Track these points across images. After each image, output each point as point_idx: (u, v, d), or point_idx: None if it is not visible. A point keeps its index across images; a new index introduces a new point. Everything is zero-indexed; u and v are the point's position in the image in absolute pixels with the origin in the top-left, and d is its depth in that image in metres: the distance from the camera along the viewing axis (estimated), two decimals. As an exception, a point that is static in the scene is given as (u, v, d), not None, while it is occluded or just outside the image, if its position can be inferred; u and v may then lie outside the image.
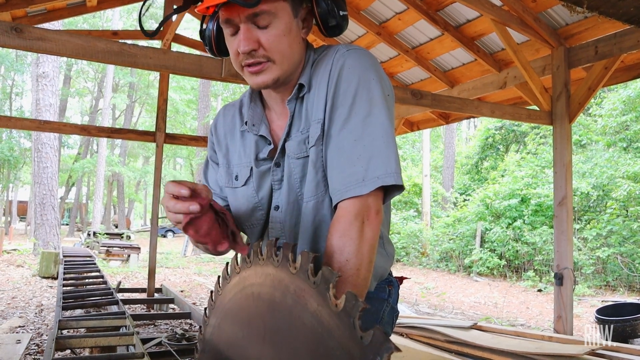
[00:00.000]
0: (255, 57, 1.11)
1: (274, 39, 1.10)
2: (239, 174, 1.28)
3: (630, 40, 4.52)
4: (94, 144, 33.13)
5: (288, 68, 1.16)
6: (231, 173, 1.30)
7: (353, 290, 0.93)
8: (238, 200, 1.29)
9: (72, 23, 24.06)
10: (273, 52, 1.11)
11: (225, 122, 1.35)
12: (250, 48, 1.09)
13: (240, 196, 1.27)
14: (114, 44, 3.46)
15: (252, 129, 1.25)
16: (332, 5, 1.15)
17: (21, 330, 5.56)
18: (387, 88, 1.15)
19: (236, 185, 1.28)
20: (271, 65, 1.13)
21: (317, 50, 1.23)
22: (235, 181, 1.29)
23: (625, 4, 1.08)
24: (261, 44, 1.10)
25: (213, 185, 1.36)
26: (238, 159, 1.29)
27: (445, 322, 5.00)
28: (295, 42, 1.15)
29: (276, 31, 1.10)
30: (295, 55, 1.16)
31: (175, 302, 6.68)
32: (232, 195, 1.30)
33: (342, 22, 1.17)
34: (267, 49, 1.11)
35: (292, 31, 1.13)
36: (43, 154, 13.88)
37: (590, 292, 10.19)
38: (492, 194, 14.25)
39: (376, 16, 6.11)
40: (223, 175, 1.33)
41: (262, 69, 1.13)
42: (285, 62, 1.14)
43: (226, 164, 1.32)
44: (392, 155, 1.06)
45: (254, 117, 1.26)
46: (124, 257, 13.80)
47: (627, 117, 13.44)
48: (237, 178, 1.28)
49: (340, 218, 1.02)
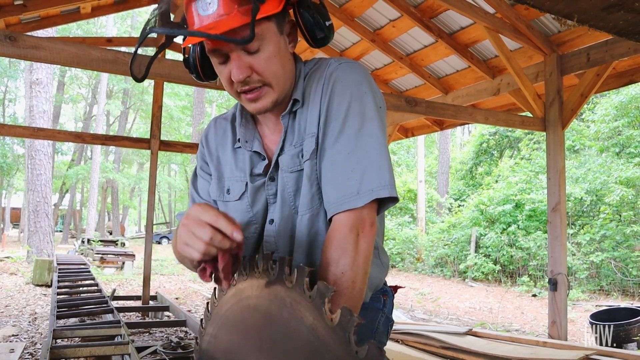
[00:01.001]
0: (250, 83, 1.11)
1: (266, 63, 1.09)
2: (232, 188, 1.27)
3: (621, 47, 4.56)
4: (88, 151, 33.03)
5: (284, 88, 1.16)
6: (223, 186, 1.29)
7: (348, 303, 0.95)
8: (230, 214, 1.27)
9: (66, 29, 24.03)
10: (267, 76, 1.11)
11: (216, 134, 1.34)
12: (245, 76, 1.08)
13: (232, 210, 1.26)
14: (108, 53, 3.46)
15: (246, 145, 1.24)
16: (316, 16, 1.14)
17: (15, 339, 5.52)
18: (379, 100, 1.16)
19: (228, 199, 1.27)
20: (268, 90, 1.13)
21: (308, 64, 1.24)
22: (227, 195, 1.28)
23: (615, 18, 1.10)
24: (254, 70, 1.09)
25: (205, 196, 1.34)
26: (230, 173, 1.28)
27: (440, 328, 5.01)
28: (285, 59, 1.14)
29: (267, 54, 1.09)
30: (288, 72, 1.16)
31: (171, 309, 6.66)
32: (224, 209, 1.29)
33: (328, 32, 1.16)
34: (260, 73, 1.10)
35: (281, 49, 1.12)
36: (37, 160, 13.81)
37: (585, 296, 10.23)
38: (486, 199, 14.31)
39: (370, 23, 6.14)
40: (214, 187, 1.31)
41: (260, 95, 1.12)
42: (281, 82, 1.14)
43: (218, 176, 1.31)
44: (386, 167, 1.06)
45: (246, 133, 1.25)
46: (118, 264, 13.73)
47: (620, 122, 13.55)
48: (229, 192, 1.27)
49: (335, 231, 1.03)
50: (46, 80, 14.27)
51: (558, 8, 1.10)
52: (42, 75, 14.10)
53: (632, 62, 5.18)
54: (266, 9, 1.04)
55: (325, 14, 1.16)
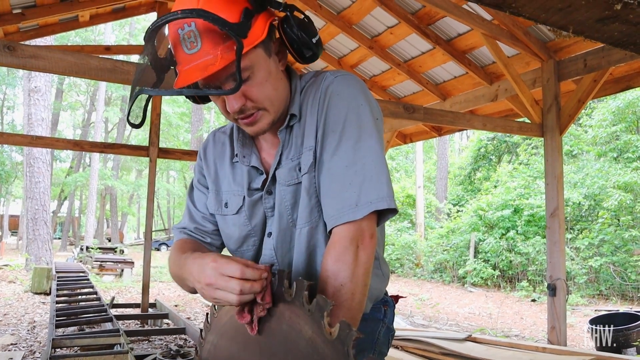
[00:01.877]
0: (245, 111, 1.11)
1: (258, 89, 1.09)
2: (229, 202, 1.27)
3: (618, 53, 4.58)
4: (86, 158, 32.99)
5: (279, 108, 1.16)
6: (221, 200, 1.29)
7: (348, 315, 0.95)
8: (229, 228, 1.28)
9: (64, 37, 24.07)
10: (262, 101, 1.11)
11: (215, 148, 1.35)
12: (239, 105, 1.09)
13: (231, 224, 1.27)
14: (107, 62, 3.47)
15: (243, 160, 1.25)
16: (301, 34, 1.12)
17: (13, 348, 5.49)
18: (375, 112, 1.16)
19: (226, 213, 1.28)
20: (263, 113, 1.13)
21: (304, 77, 1.24)
22: (225, 208, 1.28)
23: (610, 29, 1.11)
24: (248, 98, 1.10)
25: (201, 209, 1.34)
26: (228, 187, 1.29)
27: (440, 334, 5.00)
28: (277, 80, 1.15)
29: (259, 80, 1.09)
30: (282, 92, 1.17)
31: (170, 317, 6.64)
32: (223, 222, 1.30)
33: (316, 49, 1.15)
34: (255, 100, 1.10)
35: (272, 72, 1.12)
36: (35, 168, 13.79)
37: (584, 301, 10.22)
38: (485, 204, 14.32)
39: (368, 30, 6.16)
40: (212, 201, 1.31)
41: (256, 119, 1.13)
42: (276, 104, 1.15)
43: (215, 190, 1.31)
44: (384, 179, 1.07)
45: (243, 148, 1.26)
46: (117, 271, 13.69)
47: (617, 127, 13.58)
48: (227, 205, 1.28)
49: (335, 243, 1.04)
50: (44, 88, 14.28)
51: (553, 20, 1.11)
52: (41, 83, 14.11)
53: (629, 68, 5.20)
54: (251, 40, 1.03)
55: (311, 30, 1.14)
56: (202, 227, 1.33)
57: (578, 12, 1.04)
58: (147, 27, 1.03)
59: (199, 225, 1.33)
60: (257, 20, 1.05)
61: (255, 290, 0.91)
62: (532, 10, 1.03)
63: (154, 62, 1.08)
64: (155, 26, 1.00)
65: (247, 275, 0.90)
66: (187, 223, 1.35)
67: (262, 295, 0.91)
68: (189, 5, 1.03)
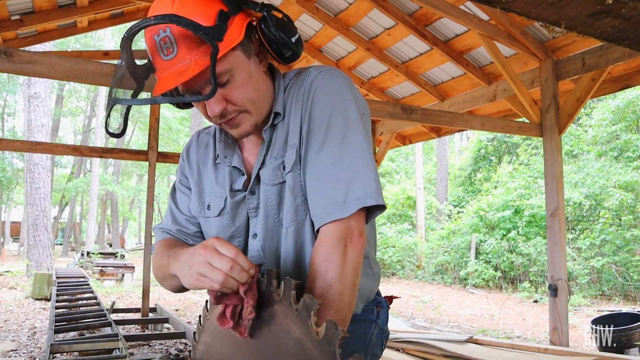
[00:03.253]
0: (227, 115, 1.10)
1: (239, 92, 1.08)
2: (212, 204, 1.25)
3: (616, 52, 4.58)
4: (87, 163, 33.02)
5: (262, 109, 1.15)
6: (203, 202, 1.27)
7: (337, 315, 0.94)
8: (212, 230, 1.26)
9: (63, 43, 24.12)
10: (243, 104, 1.10)
11: (198, 149, 1.33)
12: (220, 109, 1.08)
13: (213, 226, 1.25)
14: (104, 66, 3.47)
15: (225, 161, 1.23)
16: (280, 35, 1.10)
17: (14, 354, 5.48)
18: (362, 107, 1.14)
19: (209, 215, 1.26)
20: (246, 115, 1.12)
21: (288, 75, 1.22)
22: (207, 210, 1.26)
23: (602, 24, 1.10)
24: (229, 101, 1.08)
25: (185, 210, 1.33)
26: (210, 188, 1.27)
27: (441, 336, 4.98)
28: (259, 81, 1.13)
29: (239, 83, 1.07)
30: (264, 93, 1.15)
31: (170, 321, 6.62)
32: (205, 224, 1.28)
33: (296, 48, 1.13)
34: (235, 103, 1.09)
35: (253, 74, 1.11)
36: (35, 174, 13.81)
37: (586, 301, 10.19)
38: (485, 205, 14.29)
39: (366, 32, 6.16)
40: (195, 203, 1.29)
41: (238, 122, 1.12)
42: (258, 106, 1.13)
43: (198, 192, 1.29)
44: (372, 175, 1.05)
45: (225, 149, 1.24)
46: (118, 276, 13.69)
47: (617, 126, 13.57)
48: (209, 207, 1.26)
49: (323, 242, 1.02)
50: (44, 94, 14.31)
51: (545, 15, 1.10)
52: (40, 89, 14.14)
53: (627, 67, 5.19)
54: (228, 43, 1.01)
55: (290, 29, 1.12)
56: (185, 229, 1.31)
57: (569, 6, 1.03)
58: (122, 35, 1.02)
59: (181, 227, 1.31)
60: (234, 22, 1.04)
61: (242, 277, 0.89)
62: (522, 5, 1.02)
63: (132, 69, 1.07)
64: (130, 33, 0.98)
65: (234, 274, 0.89)
66: (169, 224, 1.33)
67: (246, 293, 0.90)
68: (162, 10, 1.01)
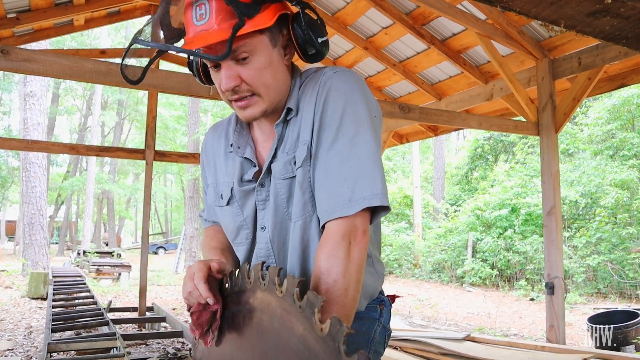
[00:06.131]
0: (239, 92, 1.13)
1: (255, 74, 1.11)
2: (223, 193, 1.29)
3: (612, 51, 4.59)
4: (83, 162, 32.92)
5: (275, 98, 1.17)
6: (218, 192, 1.32)
7: (341, 311, 0.94)
8: (225, 219, 1.31)
9: (60, 42, 24.03)
10: (257, 86, 1.12)
11: (213, 141, 1.37)
12: (233, 85, 1.10)
13: (226, 214, 1.30)
14: (101, 64, 3.46)
15: (238, 151, 1.26)
16: (308, 33, 1.14)
17: (10, 354, 5.47)
18: (374, 109, 1.16)
19: (222, 204, 1.30)
20: (257, 99, 1.14)
21: (305, 73, 1.24)
22: (220, 200, 1.30)
23: (601, 23, 1.11)
24: (243, 79, 1.11)
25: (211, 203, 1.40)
26: (223, 178, 1.31)
27: (438, 335, 4.99)
28: (278, 71, 1.16)
29: (257, 65, 1.11)
30: (281, 84, 1.17)
31: (167, 320, 6.62)
32: (220, 213, 1.32)
33: (321, 48, 1.17)
34: (250, 83, 1.12)
35: (274, 62, 1.14)
36: (31, 173, 13.75)
37: (582, 299, 10.23)
38: (482, 204, 14.33)
39: (363, 31, 6.17)
40: (212, 193, 1.34)
41: (249, 104, 1.14)
42: (271, 93, 1.15)
43: (214, 182, 1.34)
44: (379, 176, 1.07)
45: (239, 139, 1.27)
46: (114, 275, 13.67)
47: (613, 125, 13.62)
48: (222, 197, 1.30)
49: (328, 239, 1.03)
50: (40, 92, 14.23)
51: (544, 14, 1.11)
52: (36, 87, 14.06)
53: (623, 66, 5.21)
54: (256, 23, 1.06)
55: (320, 30, 1.16)
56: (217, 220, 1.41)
57: (569, 5, 1.03)
58: None
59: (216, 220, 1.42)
60: (269, 9, 1.09)
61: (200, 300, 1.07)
62: (522, 4, 1.03)
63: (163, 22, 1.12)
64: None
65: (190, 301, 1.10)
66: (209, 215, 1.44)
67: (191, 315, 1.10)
68: None
